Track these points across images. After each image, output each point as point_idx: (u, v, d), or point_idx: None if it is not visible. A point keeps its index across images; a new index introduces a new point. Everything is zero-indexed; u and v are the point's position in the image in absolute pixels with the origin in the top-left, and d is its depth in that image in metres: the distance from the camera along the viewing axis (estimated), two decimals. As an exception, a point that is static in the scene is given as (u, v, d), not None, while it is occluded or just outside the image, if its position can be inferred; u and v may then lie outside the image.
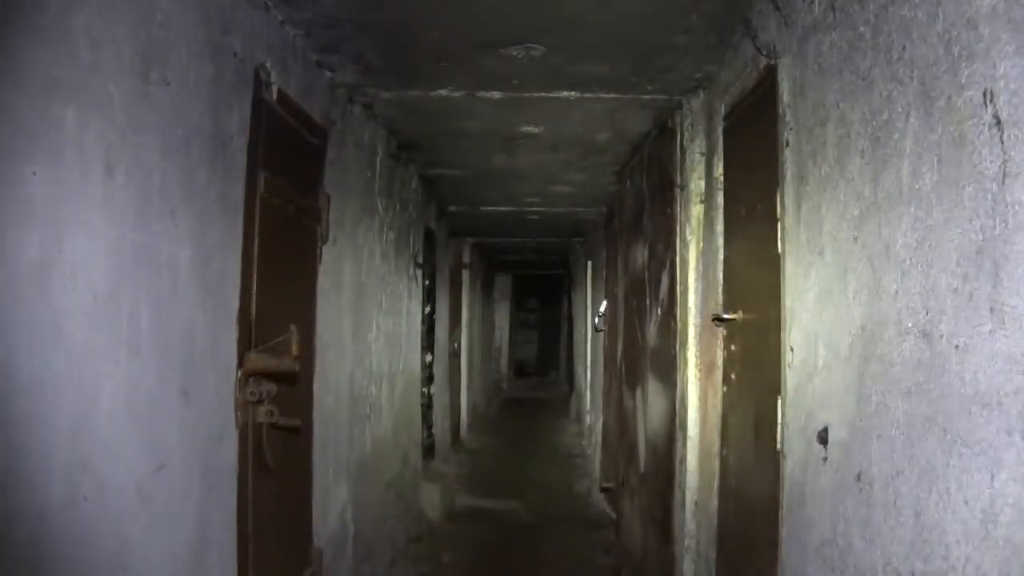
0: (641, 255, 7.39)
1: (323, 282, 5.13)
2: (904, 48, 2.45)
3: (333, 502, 5.46)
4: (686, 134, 5.69)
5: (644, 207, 7.30)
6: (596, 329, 11.67)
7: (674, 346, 5.81)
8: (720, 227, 4.90)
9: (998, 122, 1.94)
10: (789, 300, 3.56)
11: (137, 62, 2.81)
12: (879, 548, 2.54)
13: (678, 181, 5.80)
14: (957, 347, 2.12)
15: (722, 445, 4.73)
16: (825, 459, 3.04)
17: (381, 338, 6.99)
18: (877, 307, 2.62)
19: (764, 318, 3.92)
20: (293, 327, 4.13)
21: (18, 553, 2.23)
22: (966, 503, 2.05)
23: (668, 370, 6.02)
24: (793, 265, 3.52)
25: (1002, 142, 1.93)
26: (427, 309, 10.49)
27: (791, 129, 3.57)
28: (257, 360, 3.89)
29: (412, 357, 8.82)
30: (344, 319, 5.75)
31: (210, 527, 3.50)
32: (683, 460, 5.51)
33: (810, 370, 3.25)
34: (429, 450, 10.89)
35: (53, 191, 2.35)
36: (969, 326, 2.05)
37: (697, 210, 5.44)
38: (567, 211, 11.40)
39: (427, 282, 10.31)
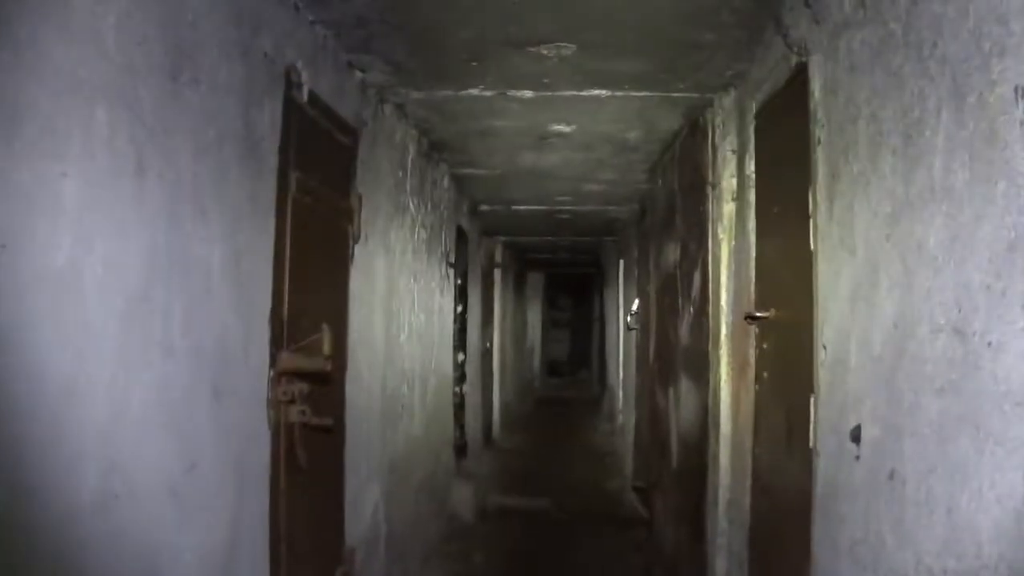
0: (673, 253, 7.37)
1: (355, 281, 5.14)
2: (935, 45, 2.43)
3: (365, 501, 5.48)
4: (717, 132, 5.67)
5: (676, 205, 7.28)
6: (628, 328, 11.63)
7: (706, 344, 5.79)
8: (752, 225, 4.88)
9: (1030, 118, 1.93)
10: (821, 298, 3.54)
11: (167, 62, 2.83)
12: (911, 546, 2.52)
13: (710, 179, 5.78)
14: (990, 344, 2.10)
15: (755, 443, 4.71)
16: (858, 457, 3.02)
17: (413, 337, 7.01)
18: (909, 305, 2.60)
19: (796, 316, 3.90)
20: (325, 326, 4.14)
21: (49, 553, 2.25)
22: (999, 502, 2.03)
23: (700, 368, 6.00)
24: (825, 263, 3.50)
25: (1034, 138, 1.91)
26: (459, 308, 10.49)
27: (823, 126, 3.55)
28: (289, 360, 3.91)
29: (444, 356, 8.83)
30: (376, 318, 5.76)
31: (242, 527, 3.52)
32: (716, 458, 5.49)
33: (843, 368, 3.23)
34: (461, 449, 10.89)
35: (84, 192, 2.37)
36: (1002, 323, 2.04)
37: (729, 208, 5.42)
38: (599, 209, 11.38)
39: (459, 281, 10.32)
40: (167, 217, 2.85)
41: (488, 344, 14.27)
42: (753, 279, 4.84)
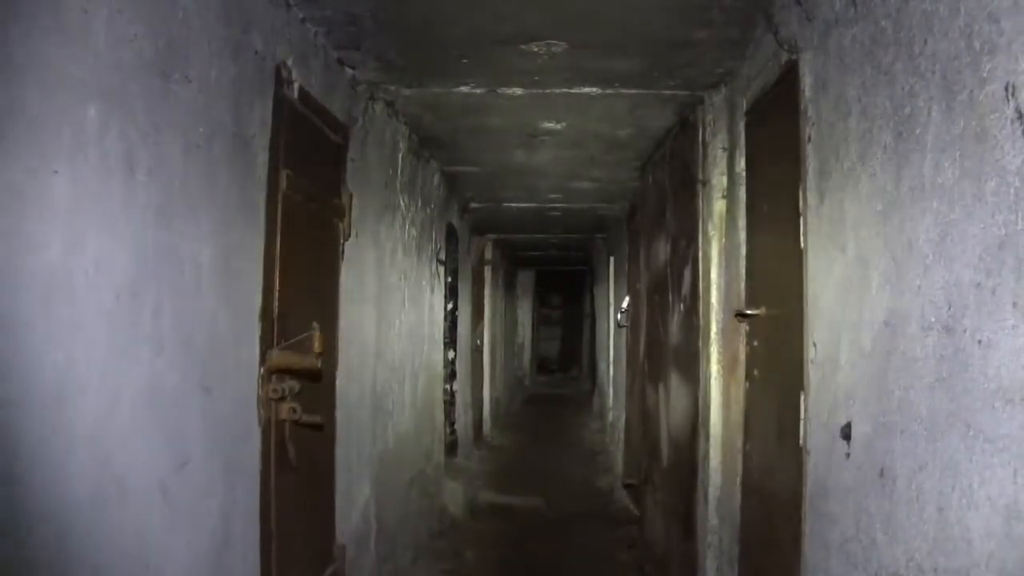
0: (663, 251, 7.37)
1: (346, 279, 5.14)
2: (926, 42, 2.44)
3: (356, 499, 5.48)
4: (708, 129, 5.67)
5: (666, 203, 7.28)
6: (619, 325, 11.64)
7: (697, 342, 5.79)
8: (742, 222, 4.89)
9: (1020, 116, 1.93)
10: (812, 295, 3.54)
11: (158, 60, 2.82)
12: (902, 544, 2.53)
13: (700, 176, 5.78)
14: (980, 342, 2.10)
15: (745, 441, 4.72)
16: (848, 455, 3.02)
17: (404, 335, 7.00)
18: (900, 302, 2.60)
19: (787, 313, 3.90)
20: (316, 324, 4.14)
21: (41, 551, 2.24)
22: (989, 499, 2.04)
23: (691, 366, 6.00)
24: (816, 260, 3.50)
25: (1024, 136, 1.92)
26: (449, 305, 10.50)
27: (813, 124, 3.55)
28: (279, 357, 3.90)
29: (434, 354, 8.83)
30: (367, 316, 5.76)
31: (233, 524, 3.52)
32: (706, 456, 5.49)
33: (833, 365, 3.23)
34: (452, 446, 10.90)
35: (75, 190, 2.36)
36: (992, 321, 2.04)
37: (719, 205, 5.43)
38: (589, 207, 11.38)
39: (449, 279, 10.33)
40: (157, 214, 2.84)
41: (478, 341, 14.26)
42: (743, 276, 4.85)
